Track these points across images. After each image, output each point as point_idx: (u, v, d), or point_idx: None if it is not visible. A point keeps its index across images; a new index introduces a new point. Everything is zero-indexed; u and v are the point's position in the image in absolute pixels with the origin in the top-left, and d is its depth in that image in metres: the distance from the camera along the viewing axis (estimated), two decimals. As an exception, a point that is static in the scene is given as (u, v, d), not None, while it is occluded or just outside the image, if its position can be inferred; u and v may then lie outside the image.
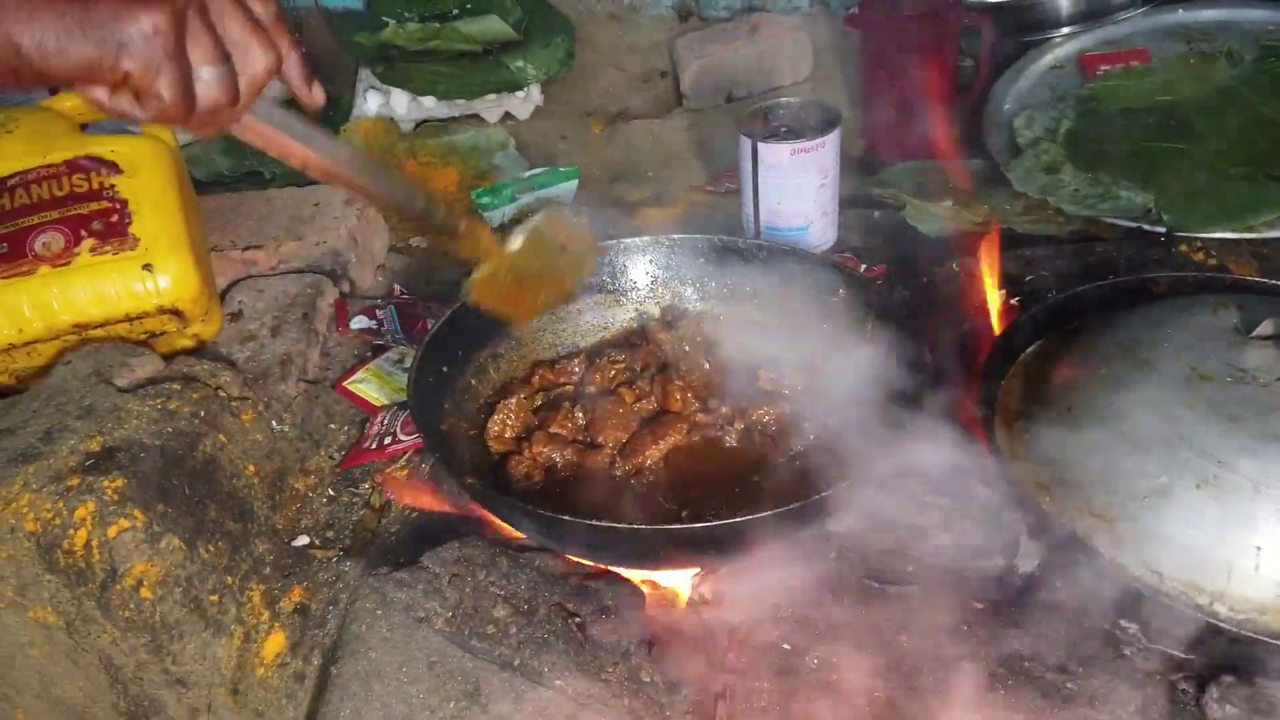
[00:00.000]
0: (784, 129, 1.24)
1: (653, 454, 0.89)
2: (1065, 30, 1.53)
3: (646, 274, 1.06)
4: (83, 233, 1.01)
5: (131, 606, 0.86)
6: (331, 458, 1.07)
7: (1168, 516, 0.70)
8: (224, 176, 1.68)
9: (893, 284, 1.14)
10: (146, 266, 1.00)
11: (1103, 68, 1.43)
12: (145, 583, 0.86)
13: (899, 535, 0.86)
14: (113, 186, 1.03)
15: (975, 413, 0.83)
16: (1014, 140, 1.35)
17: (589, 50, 1.91)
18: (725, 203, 1.45)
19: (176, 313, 1.04)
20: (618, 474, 0.89)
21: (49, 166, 1.03)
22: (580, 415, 0.94)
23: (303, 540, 0.98)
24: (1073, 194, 1.23)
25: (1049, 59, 1.49)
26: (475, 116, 1.75)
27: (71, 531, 0.84)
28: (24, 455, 0.88)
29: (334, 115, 1.79)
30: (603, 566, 0.83)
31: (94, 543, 0.84)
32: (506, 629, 0.78)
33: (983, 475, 0.84)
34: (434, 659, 0.81)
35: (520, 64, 1.74)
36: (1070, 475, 0.76)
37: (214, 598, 0.90)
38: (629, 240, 1.05)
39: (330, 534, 0.99)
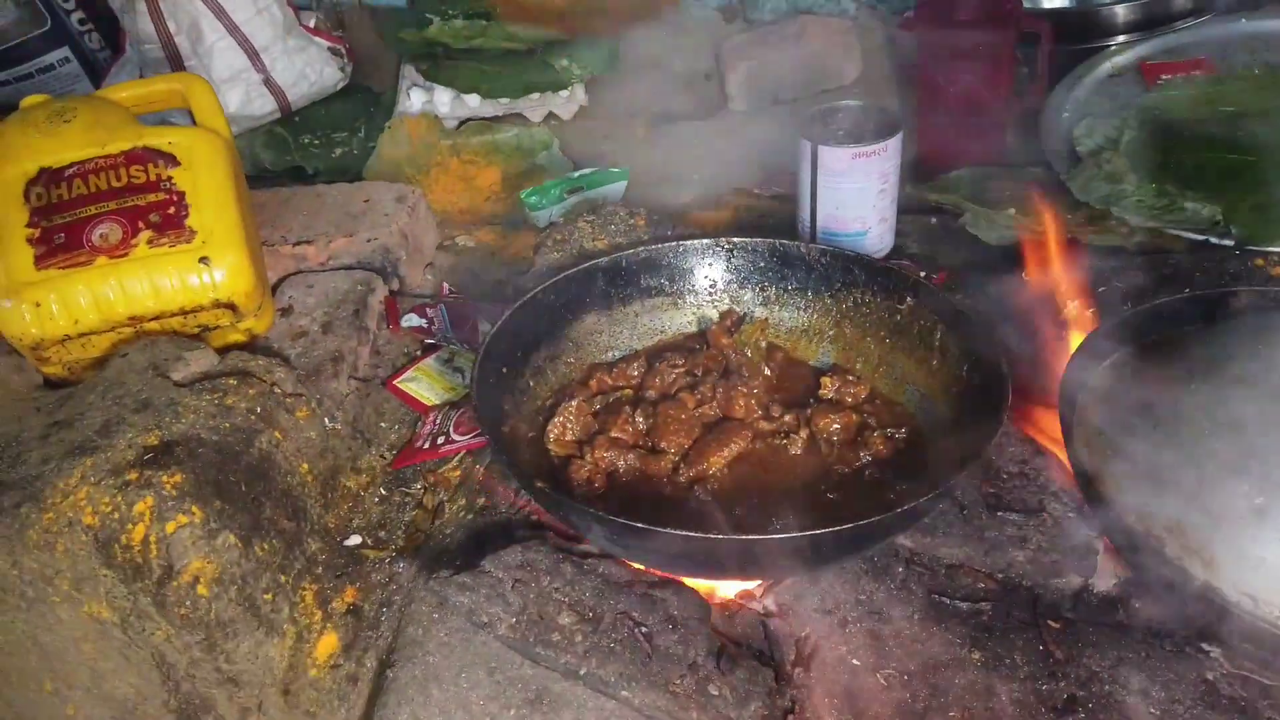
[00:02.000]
0: (843, 133, 1.22)
1: (717, 461, 0.88)
2: (1123, 38, 1.50)
3: (706, 277, 1.05)
4: (140, 224, 1.00)
5: (187, 604, 0.84)
6: (383, 456, 1.05)
7: (1264, 538, 0.67)
8: (266, 170, 1.68)
9: (958, 292, 1.11)
10: (203, 259, 1.00)
11: (1164, 77, 1.40)
12: (202, 580, 0.85)
13: (970, 550, 0.84)
14: (170, 178, 1.02)
15: (1054, 427, 0.80)
16: (1073, 149, 1.32)
17: (634, 50, 1.89)
18: (774, 207, 1.43)
19: (231, 306, 1.03)
20: (681, 480, 0.87)
21: (107, 157, 1.02)
22: (641, 420, 0.92)
23: (355, 540, 0.97)
24: (1137, 204, 1.21)
25: (1107, 67, 1.46)
26: (519, 115, 1.73)
27: (130, 526, 0.83)
28: (81, 448, 0.87)
29: (375, 112, 1.78)
30: (668, 575, 0.81)
31: (152, 538, 0.83)
32: (572, 637, 0.76)
33: (1059, 491, 0.82)
34: (493, 665, 0.80)
35: (565, 63, 1.73)
36: (1158, 494, 0.73)
37: (268, 596, 0.89)
38: (688, 243, 1.03)
39: (383, 534, 0.98)
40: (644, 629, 0.77)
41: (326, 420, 1.03)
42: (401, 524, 0.99)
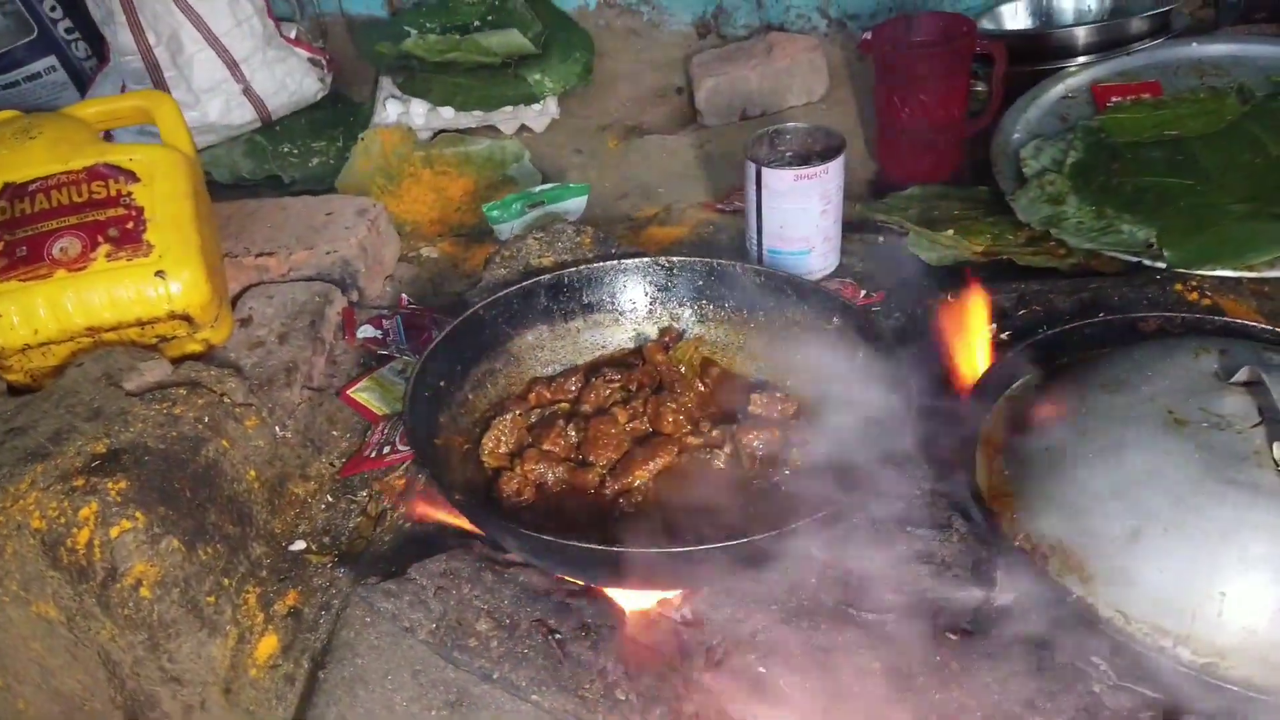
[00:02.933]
0: (790, 153, 1.26)
1: (641, 474, 0.91)
2: (1080, 60, 1.53)
3: (645, 295, 1.08)
4: (99, 238, 1.04)
5: (130, 605, 0.88)
6: (332, 464, 1.09)
7: (1137, 560, 0.70)
8: (244, 179, 1.72)
9: (890, 312, 1.15)
10: (159, 273, 1.03)
11: (1114, 99, 1.43)
12: (144, 582, 0.88)
13: (879, 563, 0.87)
14: (130, 194, 1.06)
15: (958, 446, 0.84)
16: (1020, 170, 1.35)
17: (607, 64, 1.93)
18: (732, 222, 1.47)
19: (187, 318, 1.06)
20: (607, 493, 0.91)
21: (69, 173, 1.06)
22: (573, 433, 0.95)
23: (300, 545, 1.01)
24: (1076, 226, 1.23)
25: (1060, 89, 1.49)
26: (492, 128, 1.77)
27: (75, 530, 0.87)
28: (33, 454, 0.91)
29: (354, 123, 1.82)
30: (586, 584, 0.85)
31: (96, 542, 0.87)
32: (488, 642, 0.80)
33: (968, 509, 0.85)
34: (418, 668, 0.83)
35: (538, 77, 1.77)
36: (1045, 514, 0.77)
37: (210, 599, 0.92)
38: (628, 261, 1.07)
39: (327, 540, 1.02)
40: (558, 636, 0.80)
41: (278, 429, 1.06)
42: (346, 530, 1.02)
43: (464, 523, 0.90)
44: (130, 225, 1.05)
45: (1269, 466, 0.71)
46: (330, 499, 1.06)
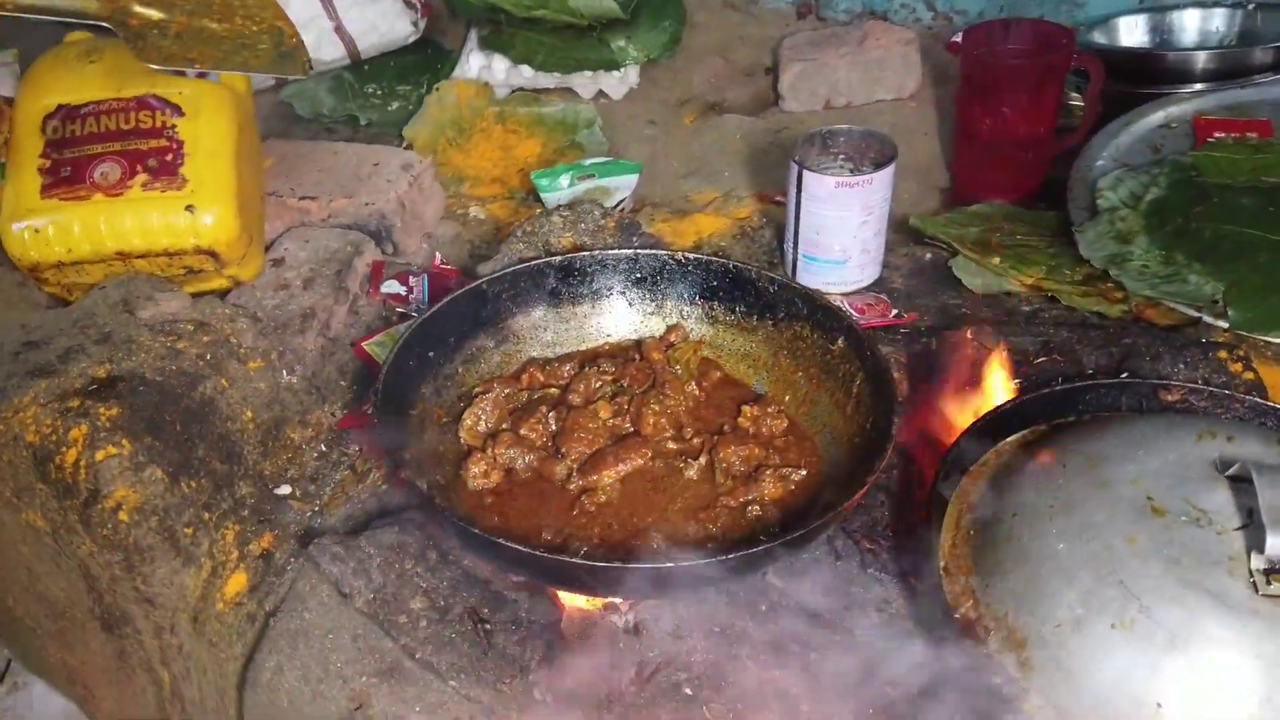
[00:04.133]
0: (842, 157, 1.20)
1: (608, 474, 0.90)
2: (1190, 88, 1.42)
3: (657, 288, 1.06)
4: (138, 167, 1.07)
5: (109, 527, 0.92)
6: (334, 414, 1.11)
7: (1077, 651, 0.66)
8: (323, 116, 1.75)
9: (917, 337, 1.09)
10: (189, 207, 1.06)
11: (1216, 134, 1.32)
12: (124, 507, 0.92)
13: (832, 602, 0.84)
14: (173, 127, 1.09)
15: (930, 497, 0.80)
16: (1095, 201, 1.27)
17: (698, 36, 1.89)
18: (781, 216, 1.42)
19: (213, 254, 1.10)
20: (571, 489, 0.90)
21: (120, 100, 1.10)
22: (553, 422, 0.95)
23: (285, 490, 1.03)
24: (1139, 270, 1.15)
25: (1160, 116, 1.39)
26: (569, 90, 1.76)
27: (64, 449, 0.91)
28: (40, 370, 0.96)
29: (442, 70, 1.83)
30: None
31: (82, 463, 0.91)
32: (417, 621, 0.81)
33: (924, 562, 0.81)
34: (359, 632, 0.85)
35: (622, 44, 1.74)
36: (998, 584, 0.72)
37: (189, 530, 0.96)
38: (643, 252, 1.05)
39: (312, 488, 1.04)
40: (487, 626, 0.80)
41: (285, 373, 1.09)
42: (332, 482, 1.04)
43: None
44: (169, 157, 1.08)
45: (1241, 576, 0.65)
46: (324, 448, 1.08)
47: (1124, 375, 0.88)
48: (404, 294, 1.21)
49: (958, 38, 1.42)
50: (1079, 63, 1.36)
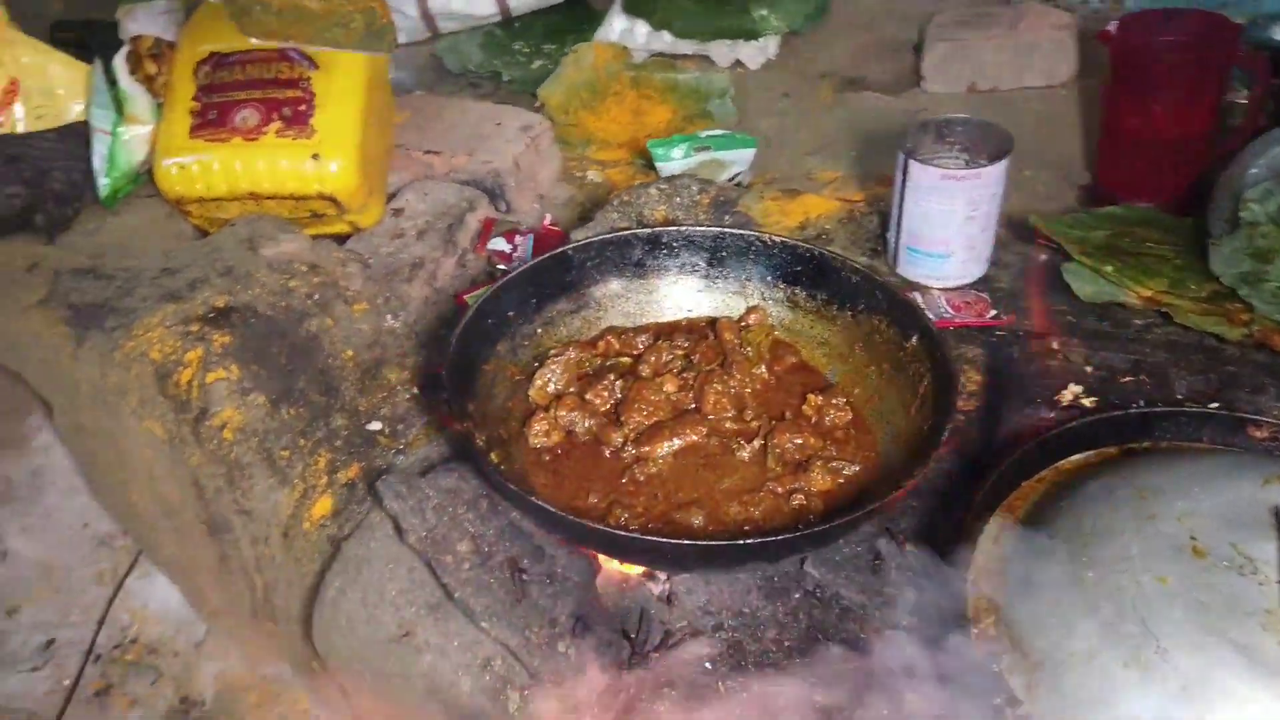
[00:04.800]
0: (958, 147, 1.17)
1: (662, 447, 0.92)
2: (1379, 94, 1.29)
3: (743, 269, 1.06)
4: (274, 115, 1.16)
5: (215, 442, 1.02)
6: (430, 360, 1.18)
7: (1084, 684, 0.64)
8: (470, 70, 1.82)
9: (1011, 340, 1.06)
10: (315, 156, 1.15)
11: (1393, 149, 1.20)
12: (229, 426, 1.02)
13: (865, 600, 0.84)
14: (309, 79, 1.17)
15: (968, 509, 0.78)
16: (1237, 212, 1.18)
17: (846, 8, 1.85)
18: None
19: (334, 200, 1.18)
20: (625, 457, 0.93)
21: (265, 51, 1.19)
22: (619, 390, 0.98)
23: (376, 426, 1.11)
24: (1273, 291, 1.07)
25: (1332, 124, 1.26)
26: (706, 58, 1.76)
27: (181, 369, 1.01)
28: (171, 295, 1.06)
29: (590, 31, 1.86)
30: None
31: (196, 383, 1.01)
32: (461, 563, 0.86)
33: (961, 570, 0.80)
34: (414, 566, 0.91)
35: (764, 13, 1.72)
36: (1021, 603, 0.70)
37: (285, 453, 1.05)
38: (730, 231, 1.05)
39: (400, 427, 1.11)
40: (524, 576, 0.85)
41: (389, 318, 1.16)
42: (418, 424, 1.11)
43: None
44: (302, 108, 1.16)
45: (1275, 632, 0.61)
46: (416, 391, 1.15)
47: (1214, 405, 0.82)
48: (508, 252, 1.26)
49: (1112, 25, 1.34)
50: (1244, 60, 1.26)
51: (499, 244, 1.26)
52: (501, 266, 1.24)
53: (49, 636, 1.30)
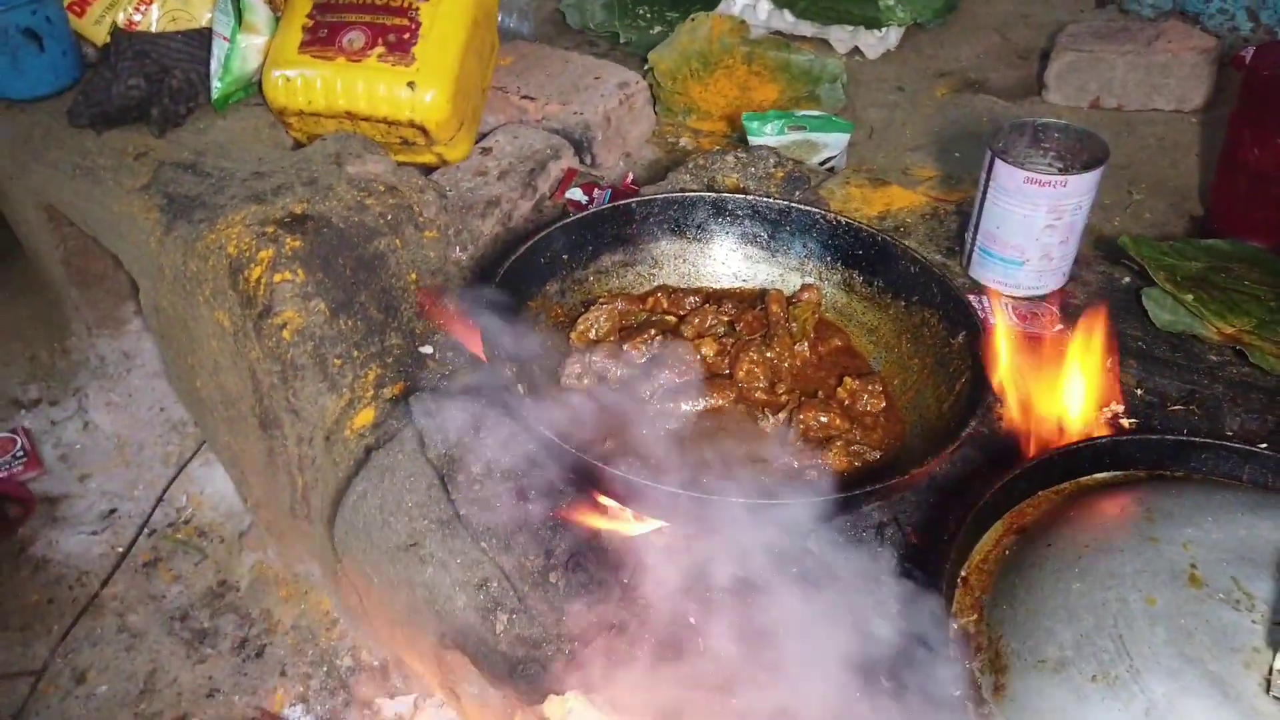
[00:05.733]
0: (1053, 154, 1.13)
1: (686, 405, 0.93)
2: None
3: (804, 246, 1.05)
4: (379, 40, 1.20)
5: (274, 340, 1.07)
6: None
7: (1050, 694, 0.61)
8: (589, 29, 1.84)
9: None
10: (410, 84, 1.18)
11: None
12: (289, 327, 1.07)
13: (860, 583, 0.83)
14: (416, 10, 1.21)
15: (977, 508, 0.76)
16: (1347, 259, 1.10)
17: (979, 8, 1.79)
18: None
19: (424, 130, 1.21)
20: (649, 410, 0.93)
21: (380, -22, 1.23)
22: (657, 345, 0.98)
23: (428, 349, 1.14)
24: (1369, 347, 1.00)
25: None
26: (824, 42, 1.73)
27: (252, 266, 1.06)
28: (256, 197, 1.12)
29: (711, 1, 1.86)
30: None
31: (263, 281, 1.06)
32: (471, 484, 0.88)
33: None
34: (434, 482, 0.94)
35: (891, 3, 1.69)
36: (1004, 606, 0.68)
37: (337, 361, 1.09)
38: (796, 206, 1.04)
39: (450, 354, 1.14)
40: (530, 506, 0.87)
41: (457, 249, 1.19)
42: (467, 353, 1.14)
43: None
44: (407, 36, 1.20)
45: (1257, 670, 0.58)
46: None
47: (1262, 446, 0.78)
48: (584, 203, 1.27)
49: (1248, 51, 1.26)
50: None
51: (576, 194, 1.28)
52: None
53: (111, 506, 1.40)
